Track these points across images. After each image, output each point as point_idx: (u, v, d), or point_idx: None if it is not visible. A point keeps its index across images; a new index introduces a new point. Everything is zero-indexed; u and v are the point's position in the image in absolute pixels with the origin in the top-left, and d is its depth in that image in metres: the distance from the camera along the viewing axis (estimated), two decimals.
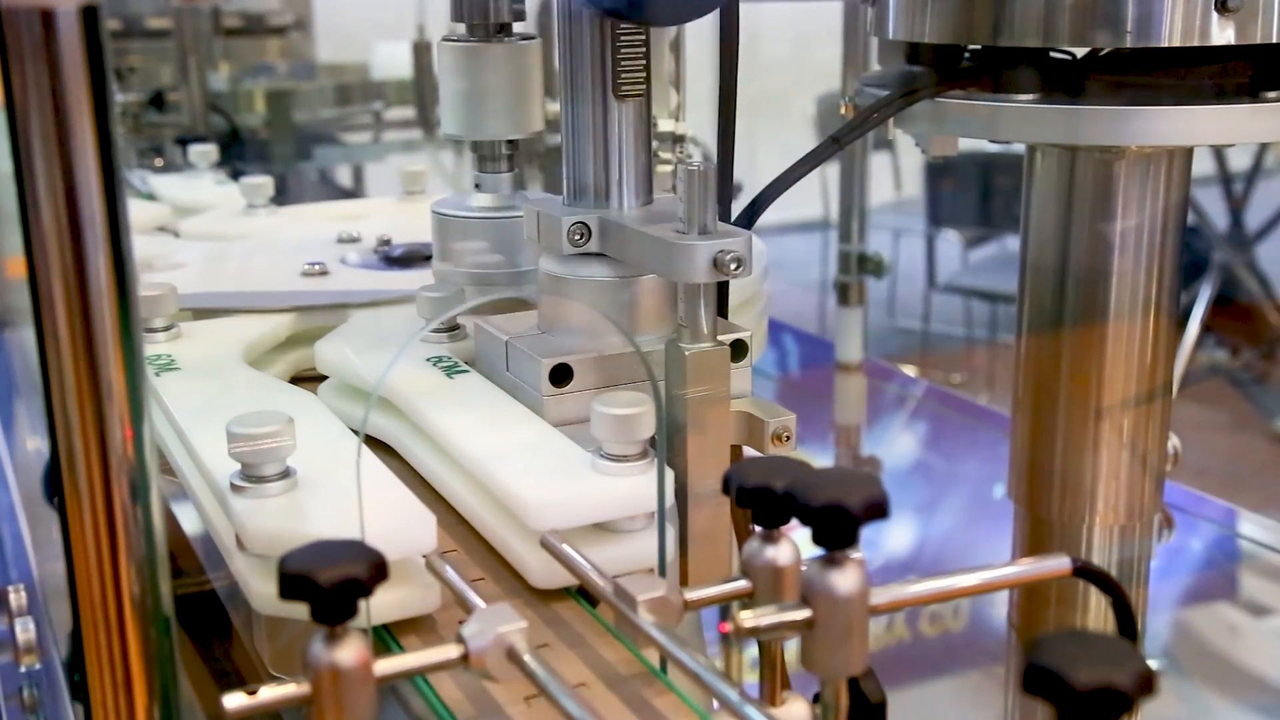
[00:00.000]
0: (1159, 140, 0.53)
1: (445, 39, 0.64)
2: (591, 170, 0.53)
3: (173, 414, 0.52)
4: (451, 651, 0.34)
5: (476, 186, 0.66)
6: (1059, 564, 0.38)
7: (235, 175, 1.11)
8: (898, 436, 1.20)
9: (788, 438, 0.51)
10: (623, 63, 0.52)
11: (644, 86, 0.53)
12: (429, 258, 0.74)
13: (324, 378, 0.60)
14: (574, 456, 0.47)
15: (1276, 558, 0.89)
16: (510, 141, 0.65)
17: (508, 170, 0.65)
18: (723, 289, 0.54)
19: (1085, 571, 0.39)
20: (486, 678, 0.34)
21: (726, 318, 0.55)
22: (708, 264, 0.47)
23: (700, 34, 0.65)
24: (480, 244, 0.65)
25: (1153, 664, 0.27)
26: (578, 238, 0.53)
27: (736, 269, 0.47)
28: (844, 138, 0.57)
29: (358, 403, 0.57)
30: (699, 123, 0.91)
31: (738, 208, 0.56)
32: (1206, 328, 2.49)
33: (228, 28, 1.91)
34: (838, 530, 0.32)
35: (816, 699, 0.35)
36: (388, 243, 0.77)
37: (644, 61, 0.52)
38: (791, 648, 0.36)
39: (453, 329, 0.60)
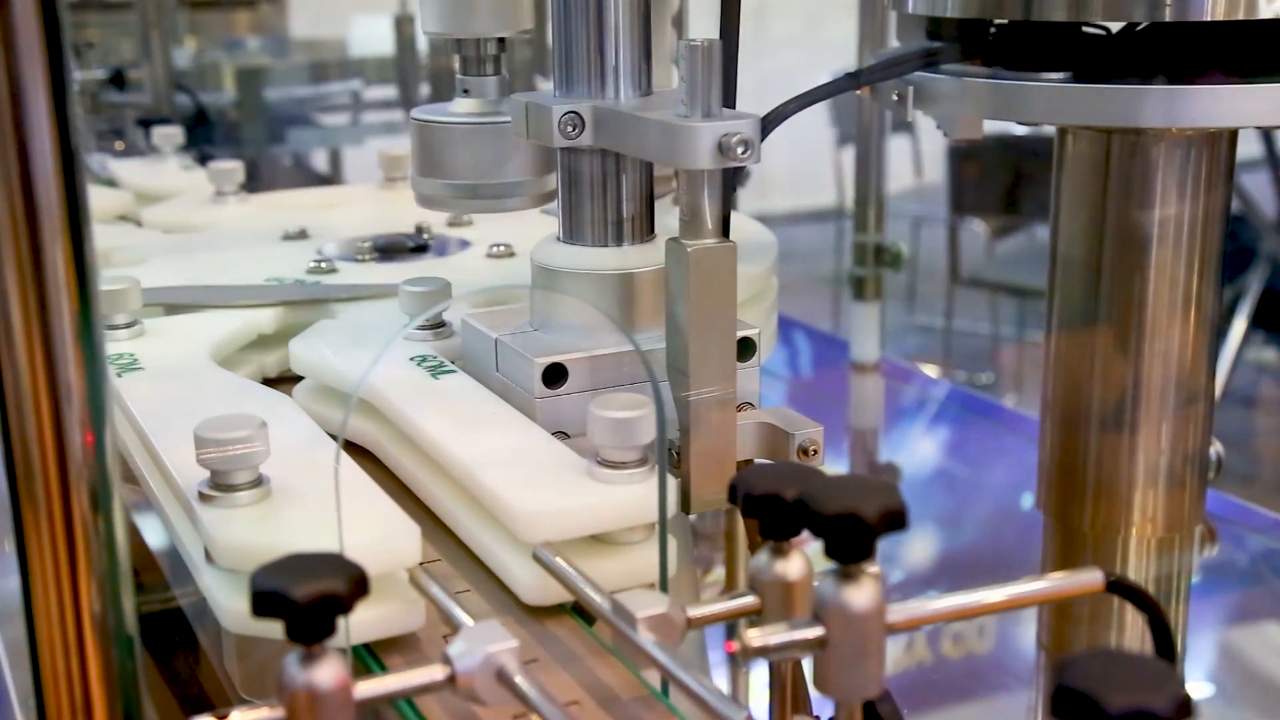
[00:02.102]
0: (1201, 122, 0.54)
1: None
2: (584, 57, 0.53)
3: (136, 418, 0.52)
4: (437, 672, 0.34)
5: (464, 92, 0.65)
6: (1091, 579, 0.38)
7: (202, 160, 1.11)
8: (917, 441, 1.20)
9: (815, 452, 0.51)
10: None
11: None
12: (413, 249, 0.74)
13: (299, 378, 0.61)
14: (569, 463, 0.47)
15: None
16: (497, 40, 0.64)
17: (494, 73, 0.64)
18: (729, 183, 0.54)
19: (1120, 587, 0.39)
20: (474, 701, 0.35)
21: (732, 210, 0.54)
22: (712, 148, 0.47)
23: (705, 7, 0.65)
24: (466, 153, 0.63)
25: (1192, 688, 0.27)
26: (570, 129, 0.52)
27: (744, 153, 0.46)
28: (863, 77, 0.57)
29: (336, 405, 0.57)
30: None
31: (743, 197, 0.56)
32: (1253, 324, 2.49)
33: (194, 0, 1.91)
34: (852, 542, 0.32)
35: None
36: (369, 244, 0.77)
37: None
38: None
39: (438, 326, 0.61)
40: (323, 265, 0.72)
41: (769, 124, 0.53)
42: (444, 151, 0.63)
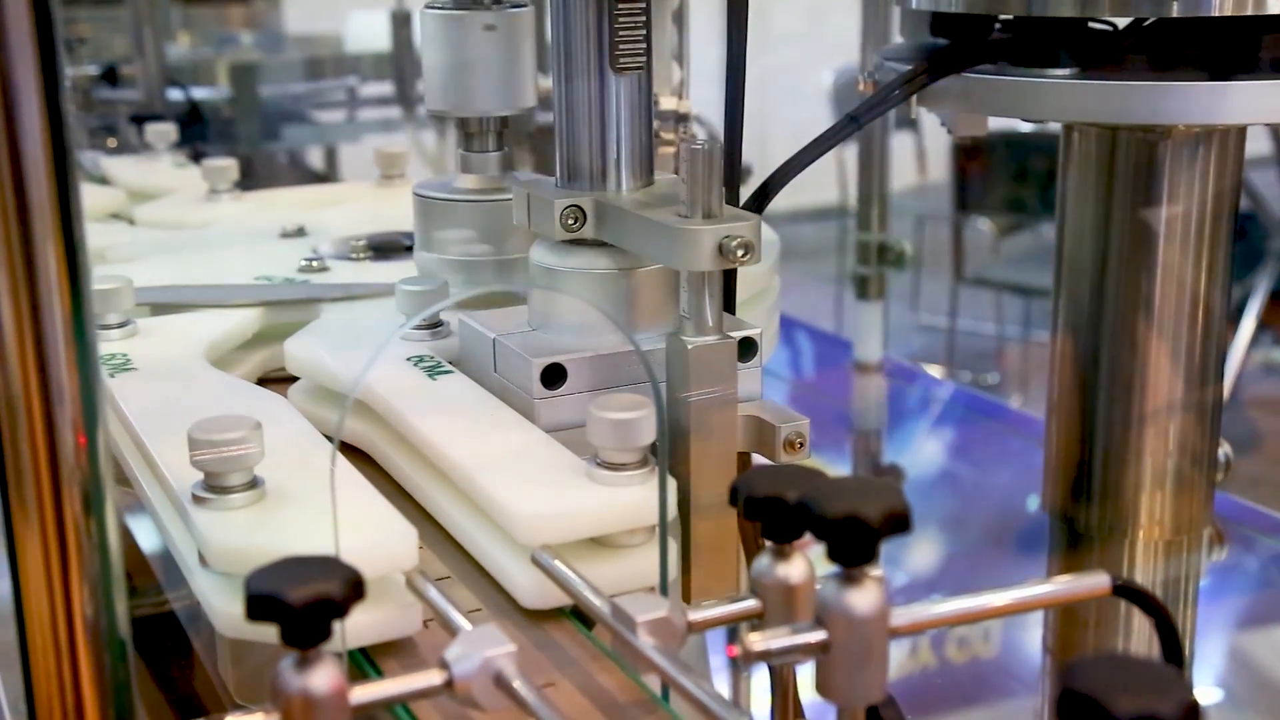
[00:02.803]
0: (1208, 119, 0.54)
1: (428, 6, 0.64)
2: (587, 150, 0.54)
3: (129, 419, 0.52)
4: (434, 677, 0.34)
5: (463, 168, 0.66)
6: (1098, 582, 0.38)
7: (196, 157, 1.11)
8: (921, 443, 1.20)
9: (801, 445, 0.51)
10: (621, 33, 0.52)
11: (644, 59, 0.53)
12: (409, 247, 0.74)
13: (294, 379, 0.61)
14: (568, 465, 0.47)
15: None
16: (499, 118, 0.65)
17: (496, 149, 0.66)
18: (729, 279, 0.54)
19: (1127, 591, 0.39)
20: (472, 706, 0.35)
21: (734, 312, 0.55)
22: (713, 250, 0.47)
23: (706, 2, 0.65)
24: (466, 230, 0.65)
25: (1200, 694, 0.27)
26: (572, 222, 0.53)
27: (744, 256, 0.47)
28: (863, 116, 0.57)
29: (332, 406, 0.57)
30: (704, 100, 0.91)
31: (746, 192, 0.56)
32: (1262, 324, 2.49)
33: None
34: (855, 545, 0.32)
35: None
36: (365, 244, 0.77)
37: (644, 31, 0.53)
38: (805, 673, 0.36)
39: (435, 326, 0.61)
40: (314, 264, 0.72)
41: (772, 187, 0.55)
42: (447, 227, 0.64)
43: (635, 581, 0.45)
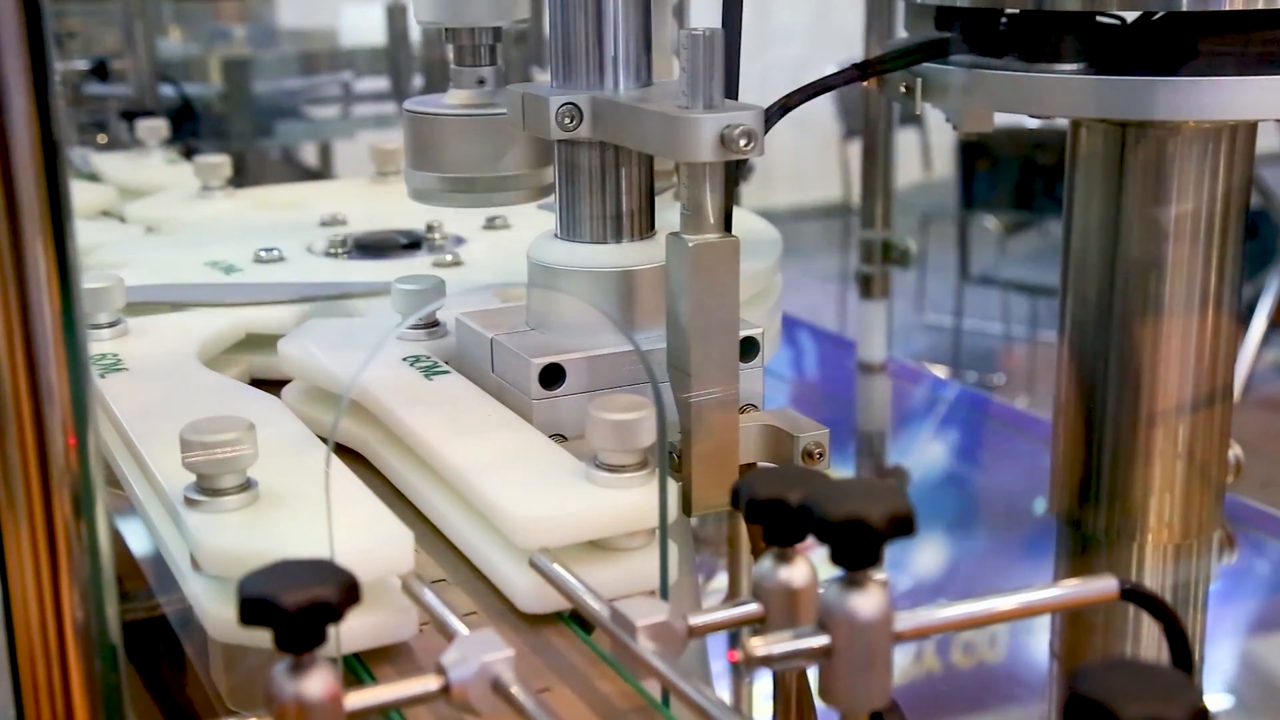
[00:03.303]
0: (1219, 114, 0.54)
1: None
2: (583, 47, 0.53)
3: (120, 420, 0.52)
4: (430, 683, 0.34)
5: (480, 81, 0.64)
6: (1106, 586, 0.38)
7: (188, 154, 1.11)
8: (926, 445, 1.20)
9: (820, 455, 0.51)
10: None
11: None
12: (405, 245, 0.74)
13: (288, 380, 0.61)
14: (566, 467, 0.47)
15: None
16: (492, 30, 0.64)
17: (490, 64, 0.65)
18: (731, 176, 0.54)
19: (1135, 595, 0.39)
20: (469, 712, 0.35)
21: (734, 205, 0.55)
22: (714, 140, 0.47)
23: None
24: (459, 146, 0.63)
25: (1210, 699, 0.27)
26: (568, 120, 0.52)
27: (747, 145, 0.46)
28: (871, 68, 0.57)
29: (326, 407, 0.57)
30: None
31: (746, 191, 0.56)
32: (1273, 323, 2.49)
33: None
34: (859, 548, 0.32)
35: None
36: (344, 242, 0.77)
37: None
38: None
39: (432, 325, 0.61)
40: (268, 254, 0.73)
41: (772, 116, 0.53)
42: (437, 144, 0.63)
43: (635, 585, 0.45)
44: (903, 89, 0.59)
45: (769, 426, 0.52)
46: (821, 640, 0.33)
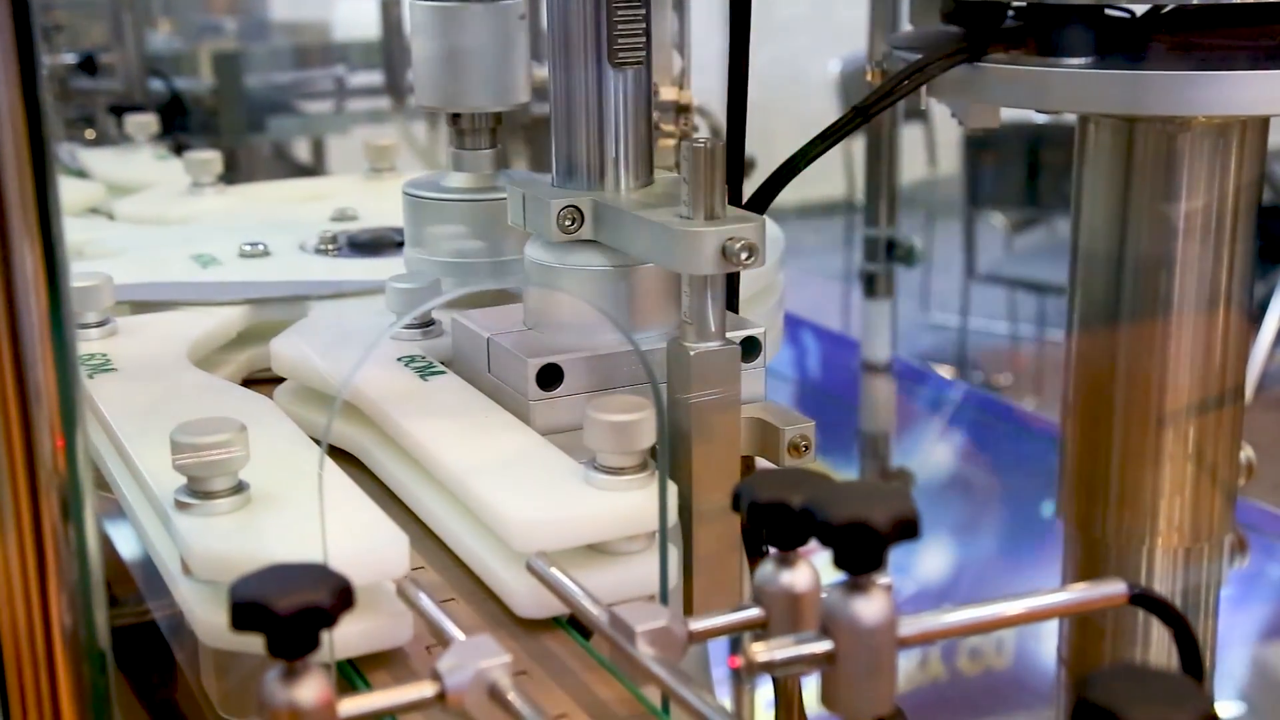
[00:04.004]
0: (1230, 109, 0.54)
1: None
2: (584, 147, 0.54)
3: (109, 421, 0.52)
4: (426, 689, 0.34)
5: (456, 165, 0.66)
6: (1114, 591, 0.38)
7: (178, 149, 1.11)
8: (931, 446, 1.20)
9: (806, 448, 0.51)
10: (620, 24, 0.52)
11: (644, 51, 0.53)
12: (399, 244, 0.74)
13: (281, 380, 0.61)
14: (564, 469, 0.47)
15: None
16: (493, 114, 0.65)
17: (489, 146, 0.66)
18: (732, 281, 0.55)
19: (1144, 599, 0.39)
20: (465, 718, 0.35)
21: (737, 310, 0.55)
22: (715, 253, 0.47)
23: None
24: (458, 229, 0.65)
25: (1221, 706, 0.27)
26: (568, 223, 0.53)
27: (748, 259, 0.47)
28: (871, 108, 0.57)
29: (320, 408, 0.57)
30: (706, 90, 0.92)
31: (750, 188, 0.56)
32: None
33: None
34: (862, 552, 0.32)
35: None
36: (334, 240, 0.77)
37: (644, 23, 0.53)
38: (810, 685, 0.36)
39: (427, 325, 0.61)
40: (247, 249, 0.74)
41: (776, 183, 0.54)
42: (437, 227, 0.64)
43: (634, 590, 0.45)
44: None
45: (755, 419, 0.52)
46: (824, 646, 0.33)
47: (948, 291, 2.90)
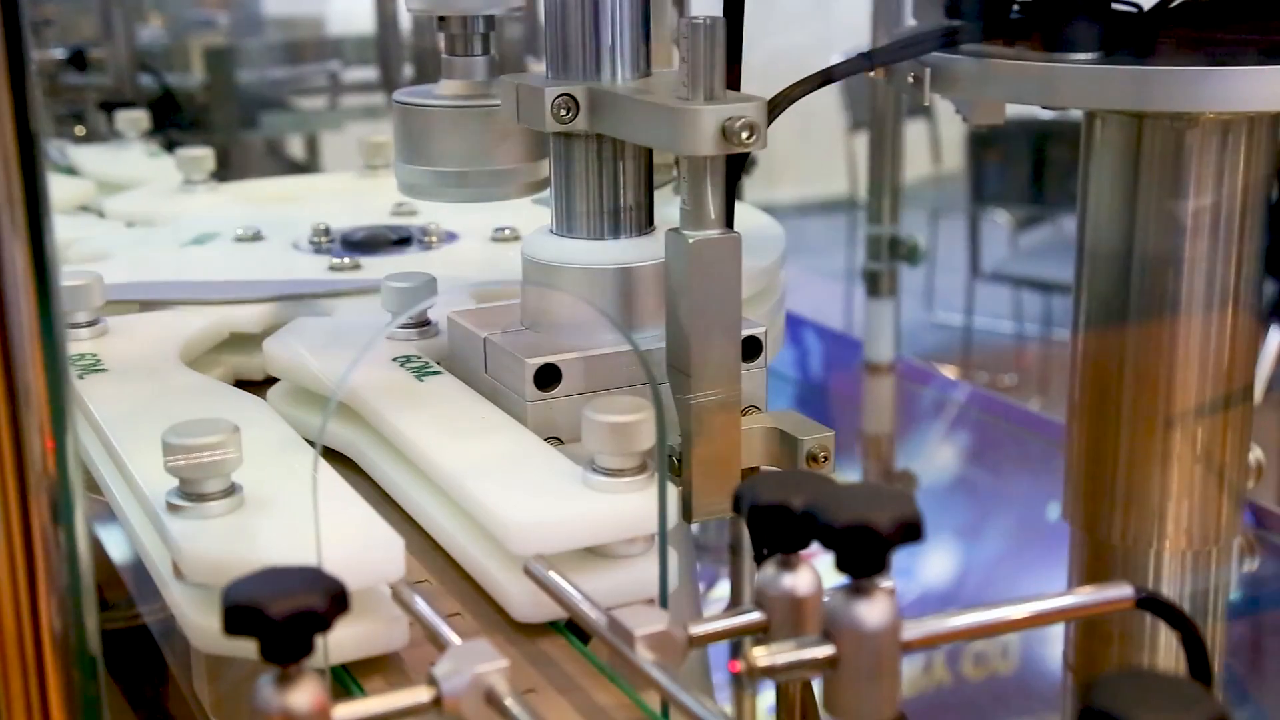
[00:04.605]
0: (1239, 105, 0.54)
1: None
2: (579, 36, 0.53)
3: (99, 422, 0.52)
4: (422, 694, 0.34)
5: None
6: (1121, 594, 0.38)
7: (169, 146, 1.11)
8: (935, 448, 1.21)
9: (825, 459, 0.51)
10: None
11: None
12: (395, 242, 0.74)
13: (274, 380, 0.61)
14: (562, 471, 0.47)
15: None
16: (485, 18, 0.64)
17: (483, 53, 0.64)
18: (734, 168, 0.54)
19: (1151, 603, 0.39)
20: None
21: (737, 200, 0.55)
22: (715, 133, 0.47)
23: None
24: (450, 139, 0.63)
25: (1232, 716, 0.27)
26: (564, 112, 0.52)
27: (749, 138, 0.47)
28: (878, 57, 0.57)
29: (314, 409, 0.58)
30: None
31: (749, 186, 0.56)
32: None
33: None
34: (865, 554, 0.32)
35: None
36: (326, 232, 0.77)
37: None
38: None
39: (423, 325, 0.61)
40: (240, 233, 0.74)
41: (776, 108, 0.53)
42: (428, 136, 0.63)
43: (633, 593, 0.45)
44: (911, 79, 0.59)
45: (772, 429, 0.52)
46: (826, 650, 0.33)
47: (952, 290, 2.90)
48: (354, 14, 2.01)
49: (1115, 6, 0.56)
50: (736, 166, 0.51)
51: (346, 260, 0.72)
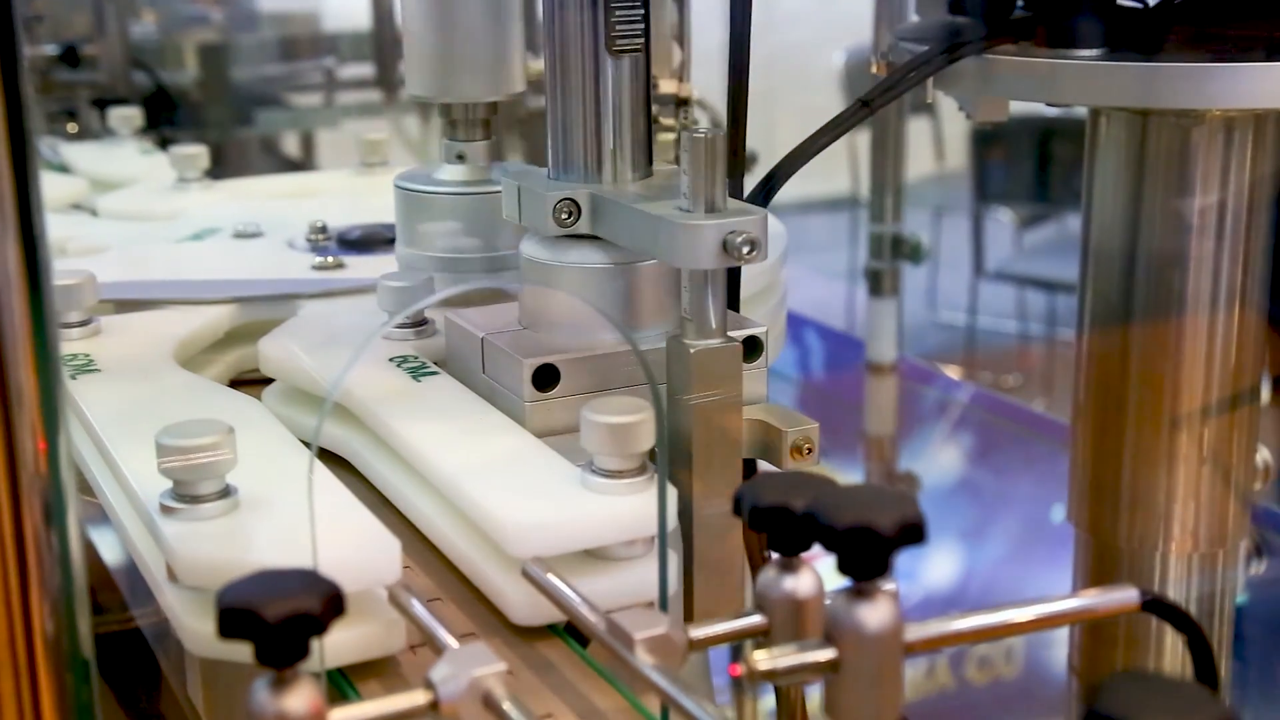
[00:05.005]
0: (1245, 102, 0.54)
1: None
2: (581, 137, 0.54)
3: (92, 423, 0.52)
4: (418, 698, 0.34)
5: (458, 158, 0.66)
6: (1126, 597, 0.38)
7: (163, 144, 1.11)
8: (938, 449, 1.21)
9: (809, 451, 0.51)
10: (618, 10, 0.52)
11: (642, 39, 0.53)
12: (391, 241, 0.74)
13: (269, 381, 0.61)
14: (561, 472, 0.47)
15: None
16: (487, 104, 0.65)
17: (484, 138, 0.66)
18: (734, 277, 0.55)
19: (1157, 605, 0.39)
20: None
21: (738, 309, 0.55)
22: (716, 247, 0.47)
23: None
24: (452, 224, 0.65)
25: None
26: (565, 216, 0.53)
27: (749, 253, 0.47)
28: (875, 101, 0.57)
29: (309, 410, 0.58)
30: (707, 83, 0.92)
31: (751, 183, 0.56)
32: None
33: None
34: (867, 557, 0.32)
35: None
36: (323, 230, 0.77)
37: (642, 9, 0.53)
38: (814, 692, 0.36)
39: (420, 324, 0.61)
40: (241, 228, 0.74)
41: (779, 177, 0.55)
42: (428, 222, 0.64)
43: (633, 596, 0.45)
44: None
45: (757, 421, 0.52)
46: (828, 653, 0.33)
47: (955, 289, 2.90)
48: (349, 10, 2.01)
49: (1120, 3, 0.56)
50: (736, 272, 0.54)
51: (330, 259, 0.72)
